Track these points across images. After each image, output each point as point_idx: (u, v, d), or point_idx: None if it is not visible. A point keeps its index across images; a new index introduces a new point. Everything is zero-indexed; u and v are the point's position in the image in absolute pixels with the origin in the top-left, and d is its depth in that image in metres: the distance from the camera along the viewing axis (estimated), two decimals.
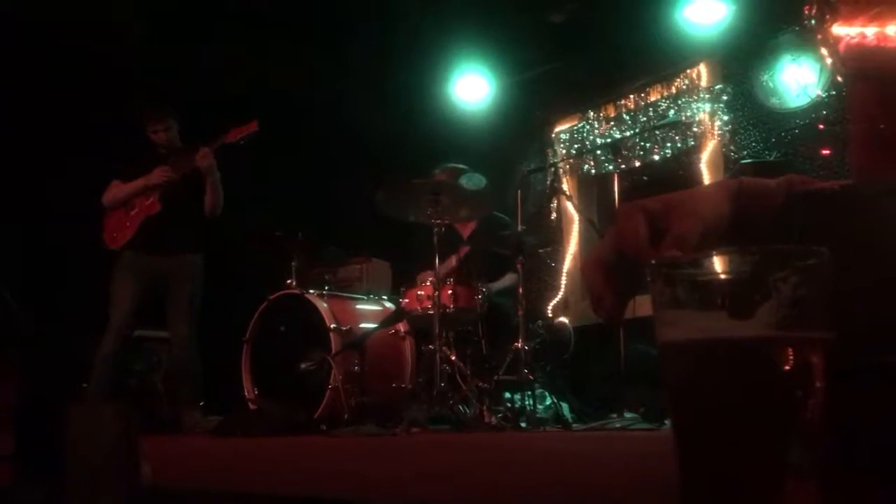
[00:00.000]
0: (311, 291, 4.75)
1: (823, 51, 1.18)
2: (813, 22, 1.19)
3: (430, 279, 4.35)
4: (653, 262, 0.54)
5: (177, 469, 2.00)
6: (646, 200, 0.80)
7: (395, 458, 2.52)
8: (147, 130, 4.98)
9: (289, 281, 4.90)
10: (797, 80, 5.28)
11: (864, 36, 1.05)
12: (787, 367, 0.48)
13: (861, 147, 1.09)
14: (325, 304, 4.64)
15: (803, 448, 0.48)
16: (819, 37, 1.18)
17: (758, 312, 0.48)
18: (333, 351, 4.44)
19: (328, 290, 4.92)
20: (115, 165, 5.03)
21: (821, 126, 5.02)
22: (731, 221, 0.80)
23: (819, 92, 5.11)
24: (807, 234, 0.78)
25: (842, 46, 1.08)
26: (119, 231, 4.94)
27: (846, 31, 1.09)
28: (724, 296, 0.49)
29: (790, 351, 0.48)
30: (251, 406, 4.72)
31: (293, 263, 4.94)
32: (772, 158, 5.26)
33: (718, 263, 0.51)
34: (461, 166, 5.19)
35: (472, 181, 5.07)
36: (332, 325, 4.52)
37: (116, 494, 0.93)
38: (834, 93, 4.98)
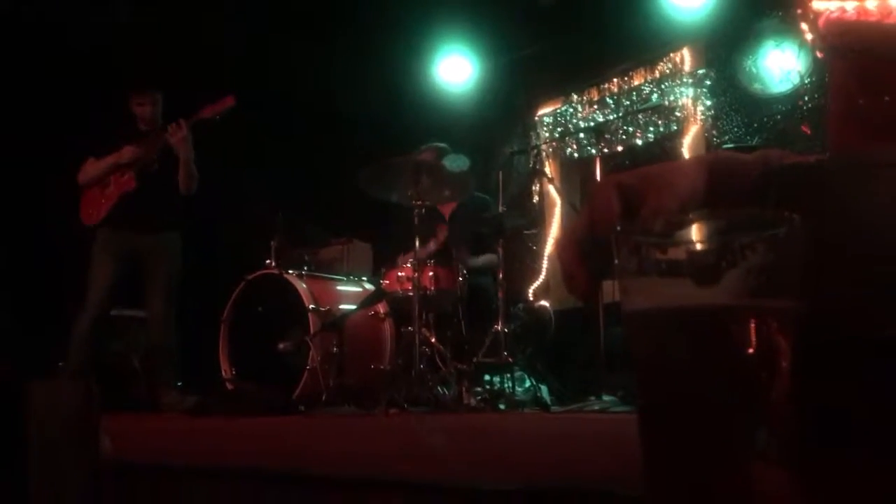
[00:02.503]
0: (290, 272, 4.71)
1: (804, 26, 1.16)
2: None
3: (411, 260, 4.33)
4: (618, 228, 0.52)
5: (148, 446, 1.98)
6: (620, 175, 0.78)
7: (371, 437, 2.50)
8: (131, 103, 4.90)
9: (268, 261, 4.87)
10: (780, 65, 5.28)
11: (843, 10, 1.04)
12: (751, 337, 0.46)
13: (839, 123, 1.07)
14: (304, 285, 4.61)
15: (769, 425, 0.47)
16: (799, 12, 1.17)
17: (724, 280, 0.47)
18: (312, 331, 4.41)
19: (307, 270, 4.88)
20: (91, 142, 4.95)
21: (800, 103, 5.03)
22: (707, 195, 0.79)
23: (802, 77, 5.12)
24: (782, 208, 0.77)
25: (821, 21, 1.06)
26: (95, 208, 4.88)
27: (826, 5, 1.08)
28: (689, 263, 0.48)
29: (755, 319, 0.46)
30: (228, 386, 4.69)
31: (272, 243, 4.90)
32: (753, 143, 5.26)
33: (685, 230, 0.49)
34: (444, 146, 5.16)
35: (456, 162, 5.04)
36: (311, 306, 4.49)
37: (76, 469, 0.90)
38: (815, 79, 4.99)
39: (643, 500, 0.51)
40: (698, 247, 0.49)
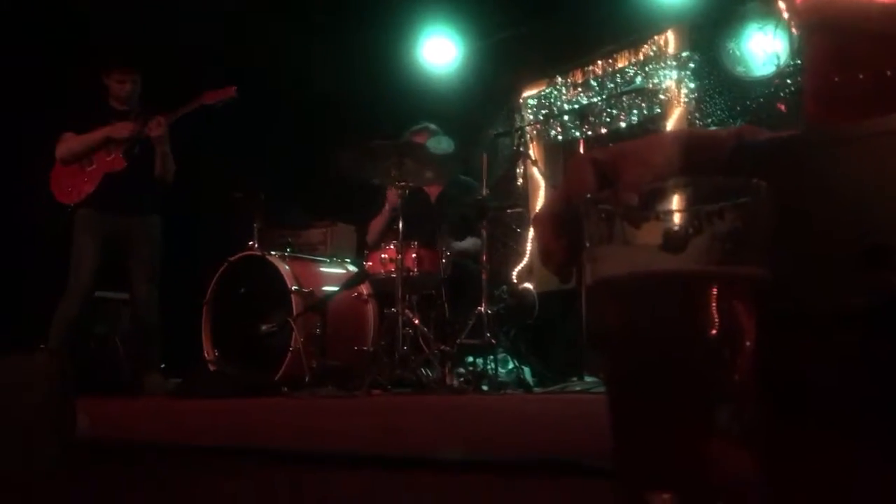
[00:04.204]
0: (273, 253, 4.70)
1: (781, 4, 1.16)
2: None
3: (394, 242, 4.33)
4: (588, 197, 0.52)
5: (128, 427, 1.98)
6: (595, 151, 0.78)
7: (353, 416, 2.51)
8: (111, 79, 4.83)
9: (250, 243, 4.85)
10: (763, 48, 5.29)
11: None
12: (716, 304, 0.46)
13: (815, 100, 1.08)
14: (287, 267, 4.60)
15: (732, 401, 0.47)
16: None
17: (691, 247, 0.47)
18: (295, 313, 4.40)
19: (290, 252, 4.87)
20: (63, 118, 4.88)
21: (782, 85, 5.04)
22: (681, 170, 0.79)
23: (784, 59, 5.13)
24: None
25: None
26: (74, 186, 4.80)
27: None
28: (656, 230, 0.48)
29: (720, 286, 0.46)
30: (211, 368, 4.68)
31: (255, 225, 4.88)
32: (737, 126, 5.27)
33: (651, 196, 0.49)
34: (435, 127, 5.13)
35: (441, 144, 5.02)
36: (294, 287, 4.48)
37: (48, 446, 0.90)
38: (800, 62, 5.00)
39: (612, 472, 0.51)
40: (664, 213, 0.49)
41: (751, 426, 0.48)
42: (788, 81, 5.10)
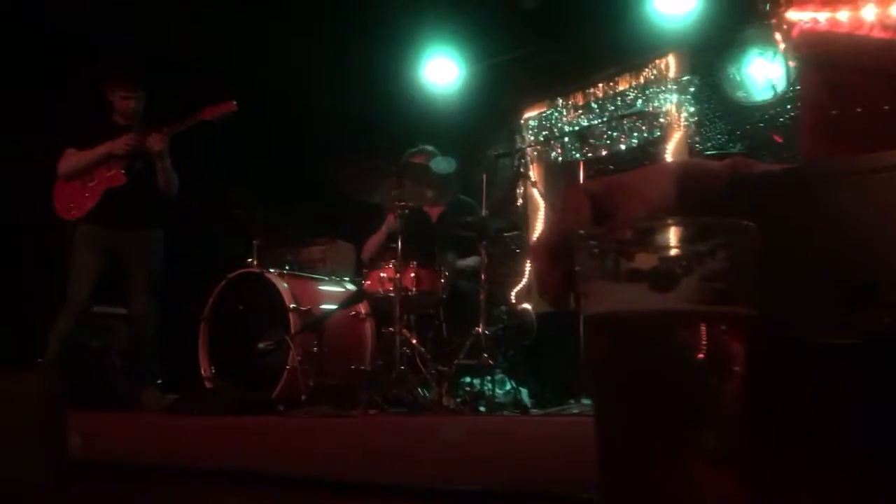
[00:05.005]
0: (272, 271, 4.70)
1: (778, 36, 1.17)
2: (767, 7, 1.18)
3: (393, 261, 4.32)
4: (580, 233, 0.53)
5: (122, 445, 1.97)
6: (589, 182, 0.79)
7: (346, 438, 2.50)
8: (115, 95, 4.84)
9: (249, 260, 4.84)
10: (764, 73, 5.31)
11: (816, 21, 1.05)
12: (703, 342, 0.46)
13: (811, 133, 1.08)
14: (286, 284, 4.59)
15: (717, 428, 0.47)
16: (774, 21, 1.18)
17: (680, 286, 0.47)
18: (292, 331, 4.40)
19: (289, 269, 4.87)
20: (65, 134, 4.89)
21: (782, 112, 5.06)
22: (677, 203, 0.79)
23: (784, 86, 5.16)
24: (751, 215, 0.78)
25: (795, 31, 1.07)
26: (76, 202, 4.81)
27: (800, 16, 1.09)
28: (647, 268, 0.48)
29: (708, 325, 0.47)
30: (207, 385, 4.66)
31: (255, 242, 4.88)
32: (736, 151, 5.29)
33: (643, 235, 0.49)
34: (434, 150, 5.15)
35: (442, 165, 5.04)
36: (292, 305, 4.47)
37: (39, 466, 0.90)
38: (799, 88, 5.02)
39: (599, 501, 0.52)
40: (655, 252, 0.49)
41: (738, 453, 0.48)
42: (788, 107, 5.12)
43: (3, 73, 5.10)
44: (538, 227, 6.51)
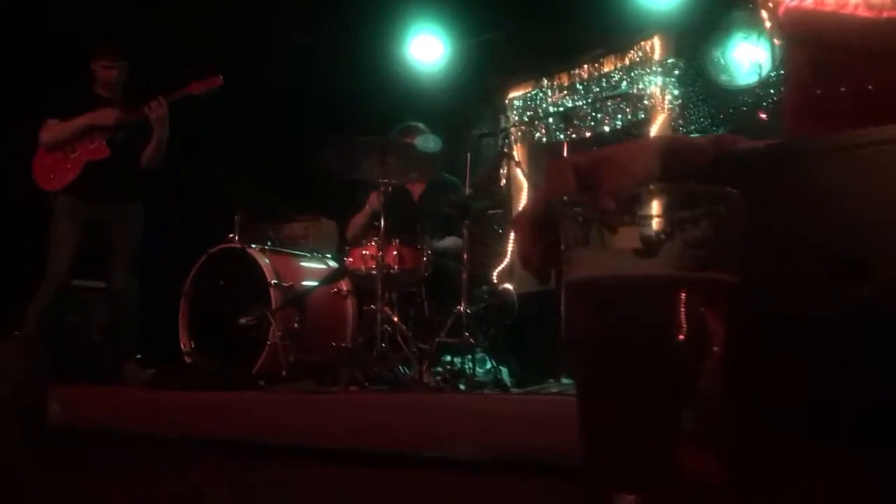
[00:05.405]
0: (253, 246, 4.68)
1: (764, 14, 1.17)
2: None
3: (375, 239, 4.32)
4: (564, 199, 0.53)
5: (100, 416, 1.96)
6: (574, 156, 0.79)
7: (328, 413, 2.50)
8: (97, 64, 4.78)
9: (231, 235, 4.82)
10: (748, 57, 5.33)
11: (801, 0, 1.05)
12: (684, 308, 0.47)
13: (795, 112, 1.09)
14: (267, 260, 4.58)
15: (698, 406, 0.47)
16: (760, 0, 1.18)
17: (664, 252, 0.47)
18: (273, 307, 4.39)
19: (271, 245, 4.85)
20: (47, 104, 4.82)
21: (766, 94, 5.08)
22: (662, 178, 0.79)
23: (768, 69, 5.18)
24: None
25: (781, 10, 1.07)
26: (56, 173, 4.75)
27: None
28: (630, 234, 0.48)
29: (690, 291, 0.47)
30: (187, 360, 4.65)
31: (236, 217, 4.85)
32: (719, 134, 5.31)
33: (626, 201, 0.50)
34: (422, 126, 5.13)
35: (428, 143, 5.01)
36: (273, 281, 4.46)
37: (20, 432, 0.89)
38: (783, 72, 5.04)
39: (581, 473, 0.52)
40: (641, 220, 0.49)
41: (718, 429, 0.48)
42: (771, 91, 5.14)
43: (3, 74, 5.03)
44: (521, 207, 6.52)
